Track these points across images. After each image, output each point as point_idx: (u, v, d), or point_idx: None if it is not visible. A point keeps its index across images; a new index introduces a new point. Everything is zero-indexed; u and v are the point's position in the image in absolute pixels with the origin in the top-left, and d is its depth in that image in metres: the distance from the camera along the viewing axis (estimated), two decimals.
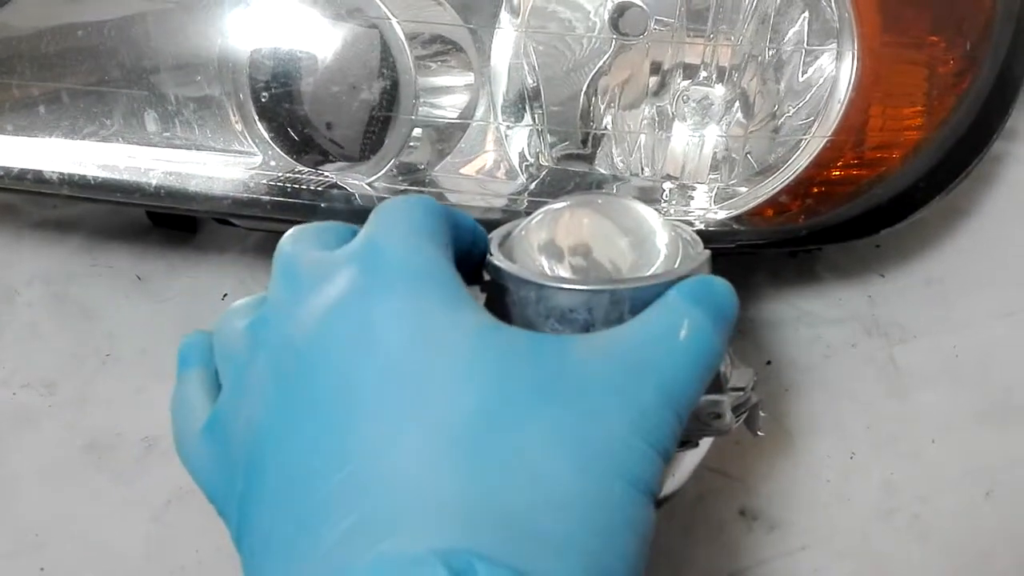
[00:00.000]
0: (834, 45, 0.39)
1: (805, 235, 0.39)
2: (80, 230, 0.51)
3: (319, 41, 0.39)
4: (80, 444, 0.43)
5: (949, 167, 0.41)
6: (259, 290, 0.48)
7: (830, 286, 0.48)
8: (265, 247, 0.50)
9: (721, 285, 0.28)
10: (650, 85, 0.44)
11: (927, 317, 0.47)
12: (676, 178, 0.44)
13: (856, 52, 0.39)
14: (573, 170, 0.44)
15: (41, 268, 0.49)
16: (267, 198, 0.37)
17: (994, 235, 0.50)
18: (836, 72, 0.39)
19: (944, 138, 0.41)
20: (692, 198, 0.44)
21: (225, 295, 0.48)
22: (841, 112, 0.39)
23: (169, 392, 0.44)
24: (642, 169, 0.45)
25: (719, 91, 0.43)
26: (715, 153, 0.44)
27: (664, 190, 0.45)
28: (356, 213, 0.38)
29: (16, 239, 0.50)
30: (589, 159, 0.44)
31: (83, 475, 0.42)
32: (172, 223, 0.50)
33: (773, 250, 0.49)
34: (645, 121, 0.45)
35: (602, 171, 0.45)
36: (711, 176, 0.44)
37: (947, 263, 0.49)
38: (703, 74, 0.43)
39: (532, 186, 0.44)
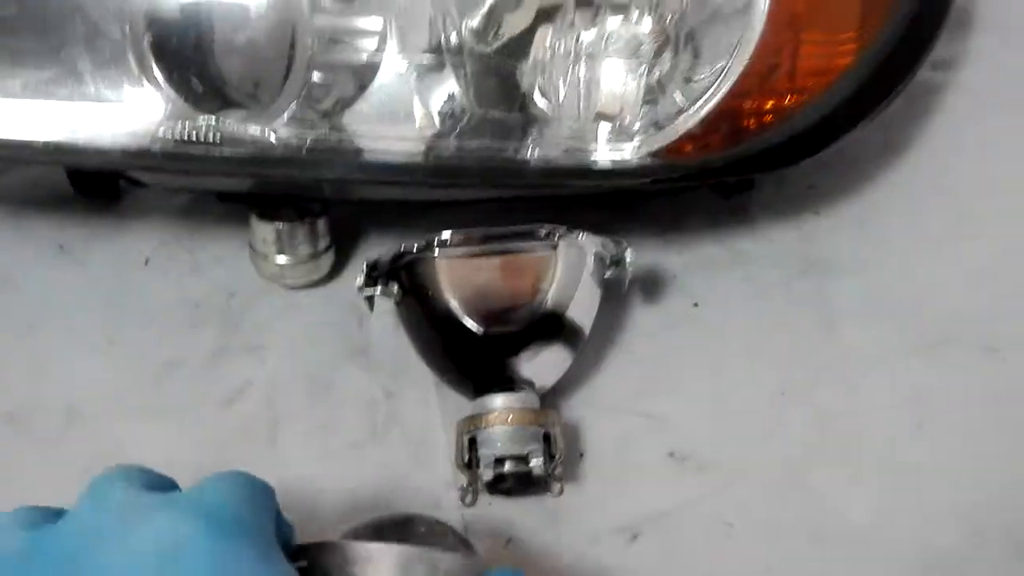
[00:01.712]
0: None
1: (721, 167, 0.38)
2: (2, 201, 0.50)
3: None
4: (2, 412, 0.42)
5: (871, 94, 0.40)
6: (180, 254, 0.48)
7: (764, 226, 0.48)
8: (188, 212, 0.49)
9: None
10: (577, 22, 0.43)
11: (860, 252, 0.46)
12: (610, 116, 0.43)
13: None
14: (496, 113, 0.43)
15: None
16: (160, 149, 0.36)
17: (927, 170, 0.49)
18: (748, 4, 0.38)
19: (865, 65, 0.40)
20: (626, 137, 0.43)
21: (148, 259, 0.47)
22: (757, 41, 0.38)
23: (89, 361, 0.44)
24: (577, 108, 0.44)
25: (647, 27, 0.42)
26: (646, 89, 0.43)
27: (596, 130, 0.43)
28: (254, 162, 0.37)
29: None
30: (514, 102, 0.43)
31: (4, 443, 0.41)
32: (95, 191, 0.49)
33: (707, 191, 0.48)
34: (573, 61, 0.44)
35: (530, 112, 0.44)
36: (644, 110, 0.43)
37: (881, 200, 0.48)
38: (634, 12, 0.42)
39: (458, 129, 0.43)
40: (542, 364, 0.40)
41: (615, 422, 0.42)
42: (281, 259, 0.44)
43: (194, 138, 0.36)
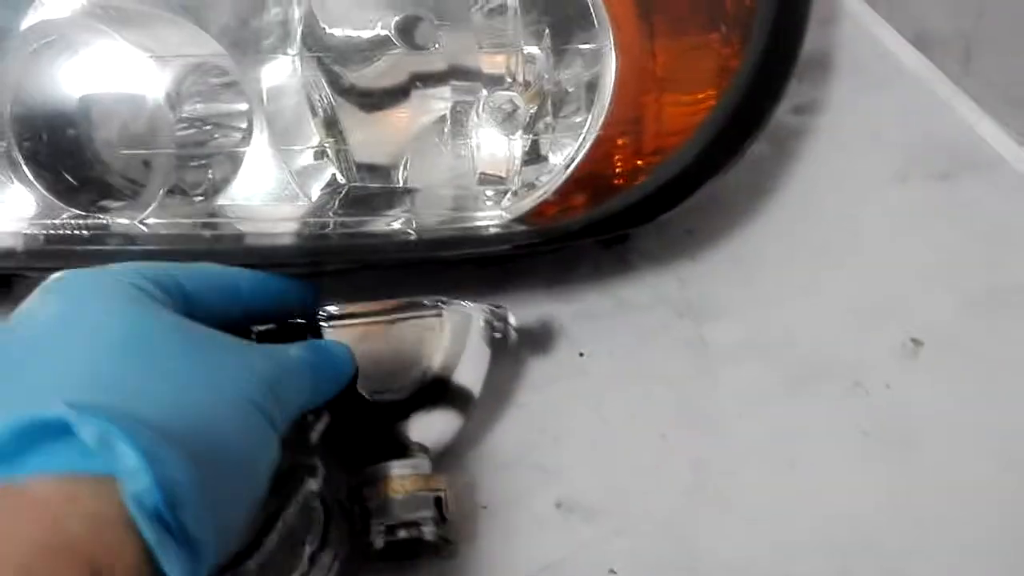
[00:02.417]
0: (594, 43, 0.40)
1: (580, 229, 0.40)
2: None
3: (83, 83, 0.39)
4: None
5: (723, 149, 0.42)
6: None
7: (643, 273, 0.50)
8: None
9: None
10: (449, 94, 0.45)
11: (735, 295, 0.48)
12: (489, 180, 0.45)
13: (614, 50, 0.40)
14: (373, 186, 0.45)
15: None
16: (25, 247, 0.36)
17: (796, 212, 0.51)
18: (599, 69, 0.40)
19: (717, 120, 0.42)
20: (500, 202, 0.44)
21: None
22: (608, 108, 0.40)
23: None
24: (455, 175, 0.45)
25: (520, 95, 0.44)
26: (523, 154, 0.45)
27: (474, 195, 0.45)
28: (128, 254, 0.37)
29: None
30: (388, 174, 0.45)
31: None
32: None
33: (588, 242, 0.50)
34: (447, 129, 0.45)
35: (402, 184, 0.45)
36: (519, 177, 0.45)
37: (754, 242, 0.50)
38: (505, 81, 0.44)
39: (334, 204, 0.44)
40: (433, 428, 0.41)
41: (508, 476, 0.43)
42: None
43: (62, 234, 0.37)
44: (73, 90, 0.39)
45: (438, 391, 0.41)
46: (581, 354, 0.47)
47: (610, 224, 0.41)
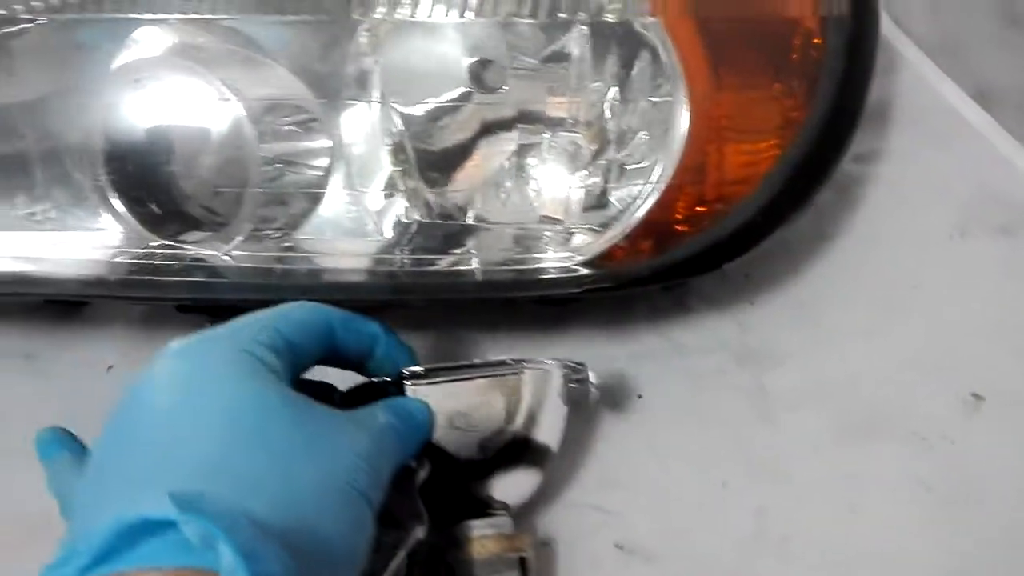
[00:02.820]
0: (667, 93, 0.41)
1: (649, 275, 0.41)
2: None
3: (171, 120, 0.40)
4: None
5: (790, 199, 0.43)
6: (141, 362, 0.49)
7: (702, 316, 0.50)
8: (149, 320, 0.50)
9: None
10: (516, 136, 0.46)
11: (794, 341, 0.49)
12: (552, 221, 0.46)
13: (687, 99, 0.41)
14: (444, 223, 0.46)
15: None
16: (116, 277, 0.38)
17: (857, 257, 0.52)
18: (672, 119, 0.41)
19: (784, 171, 0.43)
20: (566, 244, 0.45)
21: (110, 367, 0.49)
22: (679, 155, 0.41)
23: None
24: (521, 215, 0.46)
25: (583, 138, 0.45)
26: (586, 197, 0.45)
27: (539, 237, 0.46)
28: (211, 285, 0.39)
29: None
30: (459, 212, 0.46)
31: None
32: (60, 300, 0.51)
33: (648, 286, 0.51)
34: (513, 170, 0.46)
35: (472, 222, 0.46)
36: (583, 219, 0.45)
37: (813, 287, 0.51)
38: (569, 124, 0.45)
39: (404, 241, 0.45)
40: (514, 485, 0.41)
41: (567, 515, 0.43)
42: None
43: (150, 264, 0.38)
44: (162, 126, 0.40)
45: (519, 449, 0.41)
46: (639, 396, 0.47)
47: (677, 270, 0.41)
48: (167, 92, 0.40)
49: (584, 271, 0.42)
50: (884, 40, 0.53)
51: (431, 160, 0.44)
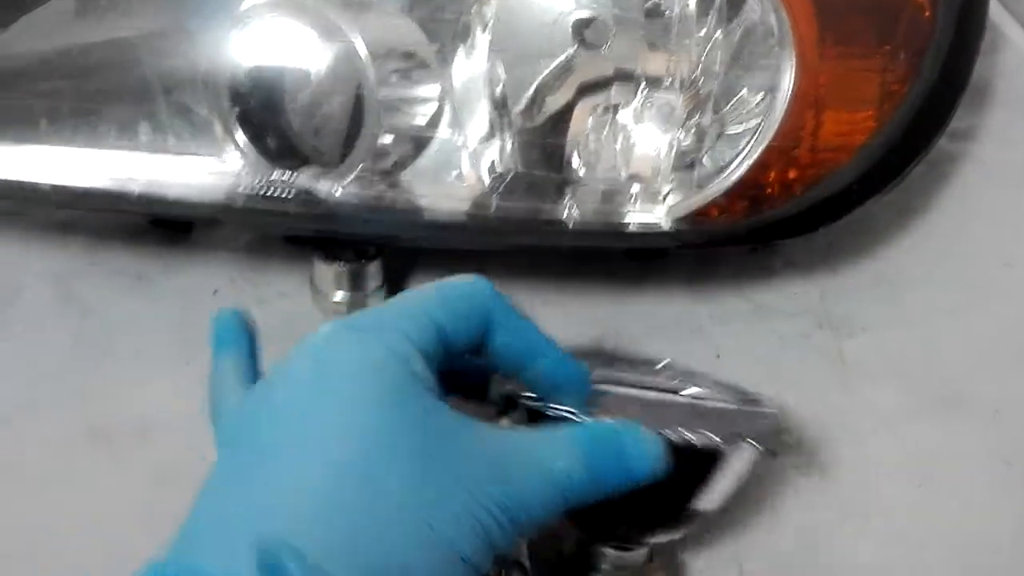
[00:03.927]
0: (774, 57, 0.42)
1: (743, 234, 0.42)
2: (82, 232, 0.54)
3: (294, 59, 0.42)
4: (80, 430, 0.46)
5: (886, 170, 0.43)
6: (247, 288, 0.52)
7: (784, 281, 0.51)
8: (253, 248, 0.53)
9: (634, 449, 0.31)
10: (613, 93, 0.47)
11: (875, 313, 0.49)
12: (644, 179, 0.47)
13: (794, 63, 0.41)
14: (538, 174, 0.47)
15: (46, 268, 0.53)
16: (239, 204, 0.40)
17: (944, 234, 0.52)
18: (777, 81, 0.42)
19: (882, 143, 0.43)
20: (659, 200, 0.46)
21: (216, 291, 0.52)
22: (781, 119, 0.42)
23: (162, 383, 0.48)
24: (612, 171, 0.47)
25: (679, 97, 0.46)
26: (678, 155, 0.46)
27: (631, 192, 0.47)
28: (322, 217, 0.41)
29: (23, 241, 0.54)
30: (554, 164, 0.47)
31: (82, 457, 0.45)
32: (168, 223, 0.53)
33: (735, 246, 0.52)
34: (608, 127, 0.47)
35: (565, 175, 0.47)
36: (674, 175, 0.46)
37: (897, 261, 0.51)
38: (665, 82, 0.46)
39: (499, 189, 0.47)
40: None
41: None
42: (339, 296, 0.48)
43: (269, 193, 0.40)
44: (285, 65, 0.42)
45: (688, 518, 0.36)
46: (718, 356, 0.49)
47: (765, 233, 0.42)
48: (292, 33, 0.42)
49: (674, 228, 0.43)
50: (989, 19, 0.53)
51: (530, 113, 0.46)
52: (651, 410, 0.35)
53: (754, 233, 0.42)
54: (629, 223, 0.45)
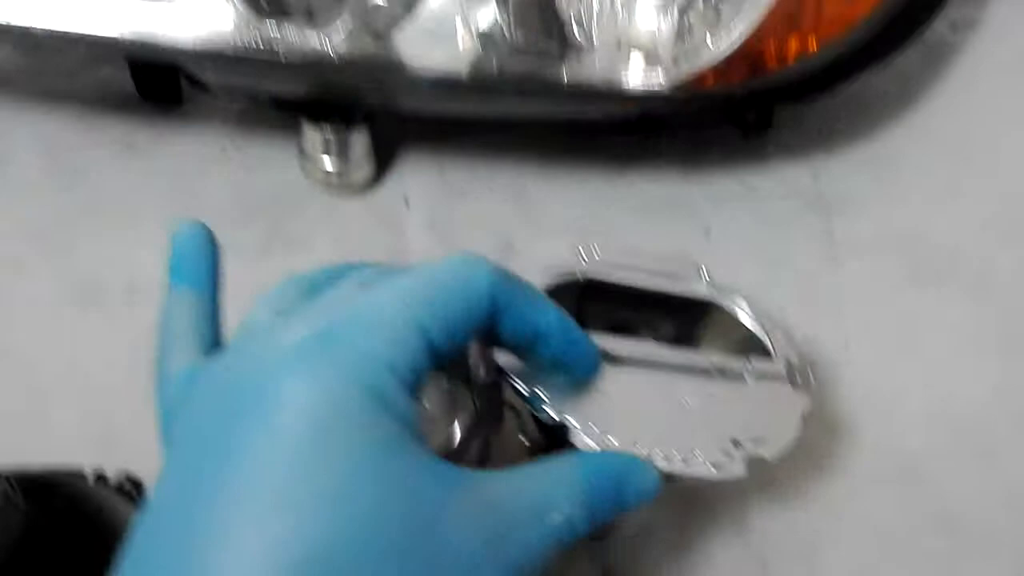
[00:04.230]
0: None
1: (740, 99, 0.41)
2: (73, 101, 0.54)
3: None
4: (69, 287, 0.46)
5: (885, 42, 0.43)
6: (238, 157, 0.52)
7: (778, 164, 0.51)
8: (244, 119, 0.53)
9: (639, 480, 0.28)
10: None
11: (868, 193, 0.49)
12: (642, 43, 0.46)
13: None
14: (534, 37, 0.46)
15: (36, 135, 0.52)
16: (230, 52, 0.40)
17: (940, 121, 0.52)
18: None
19: (881, 15, 0.43)
20: (658, 64, 0.46)
21: (206, 159, 0.51)
22: None
23: (150, 245, 0.48)
24: (610, 39, 0.46)
25: None
26: (678, 19, 0.45)
27: (630, 55, 0.46)
28: (312, 73, 0.40)
29: (12, 110, 0.54)
30: (551, 27, 0.46)
31: (70, 314, 0.46)
32: (159, 95, 0.53)
33: (726, 129, 0.51)
34: None
35: (567, 39, 0.47)
36: (674, 43, 0.46)
37: (893, 145, 0.51)
38: None
39: (498, 50, 0.46)
40: None
41: None
42: (327, 163, 0.48)
43: (259, 44, 0.40)
44: None
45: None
46: (707, 232, 0.49)
47: (766, 97, 0.42)
48: None
49: (672, 92, 0.42)
50: None
51: None
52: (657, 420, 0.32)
53: (751, 98, 0.42)
54: (628, 86, 0.44)
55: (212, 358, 0.26)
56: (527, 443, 0.35)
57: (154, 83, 0.52)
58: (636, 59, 0.44)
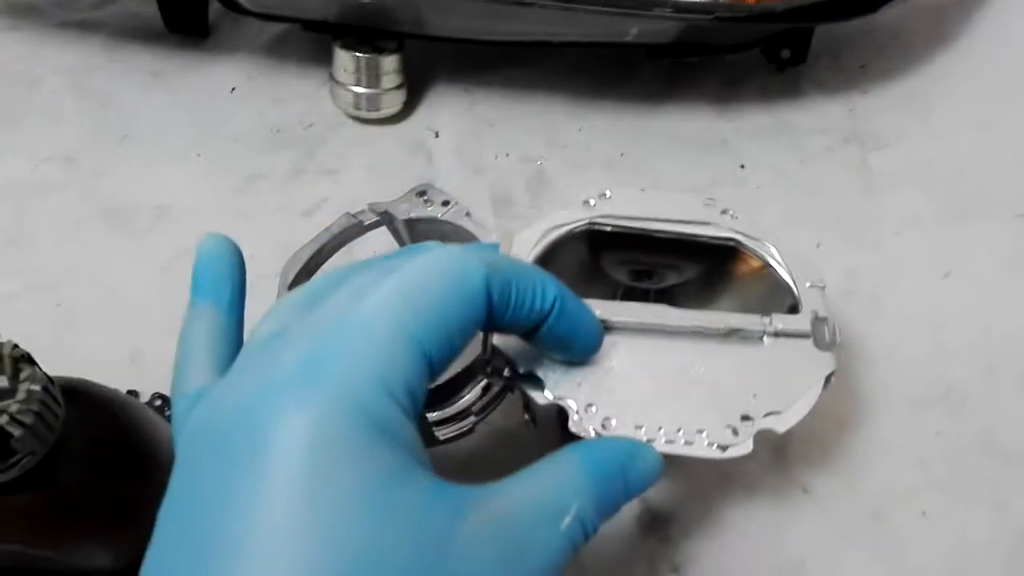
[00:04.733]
0: None
1: (781, 12, 0.41)
2: (100, 31, 0.53)
3: None
4: (97, 209, 0.46)
5: None
6: (265, 87, 0.51)
7: (814, 100, 0.50)
8: (271, 50, 0.52)
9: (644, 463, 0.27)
10: None
11: (904, 128, 0.49)
12: None
13: None
14: None
15: (64, 62, 0.52)
16: None
17: (974, 57, 0.51)
18: None
19: None
20: None
21: (233, 89, 0.51)
22: None
23: (179, 170, 0.48)
24: None
25: None
26: None
27: None
28: None
29: (41, 36, 0.53)
30: None
31: (98, 234, 0.45)
32: (185, 27, 0.52)
33: (760, 65, 0.51)
34: None
35: None
36: None
37: (928, 81, 0.50)
38: None
39: None
40: None
41: None
42: (358, 89, 0.47)
43: None
44: None
45: None
46: (742, 166, 0.48)
47: (808, 13, 0.41)
48: None
49: (714, 8, 0.42)
50: None
51: None
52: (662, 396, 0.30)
53: (792, 15, 0.41)
54: None
55: (216, 384, 0.25)
56: (530, 419, 0.35)
57: (181, 13, 0.52)
58: None
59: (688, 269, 0.37)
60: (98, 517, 0.30)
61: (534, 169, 0.48)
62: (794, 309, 0.33)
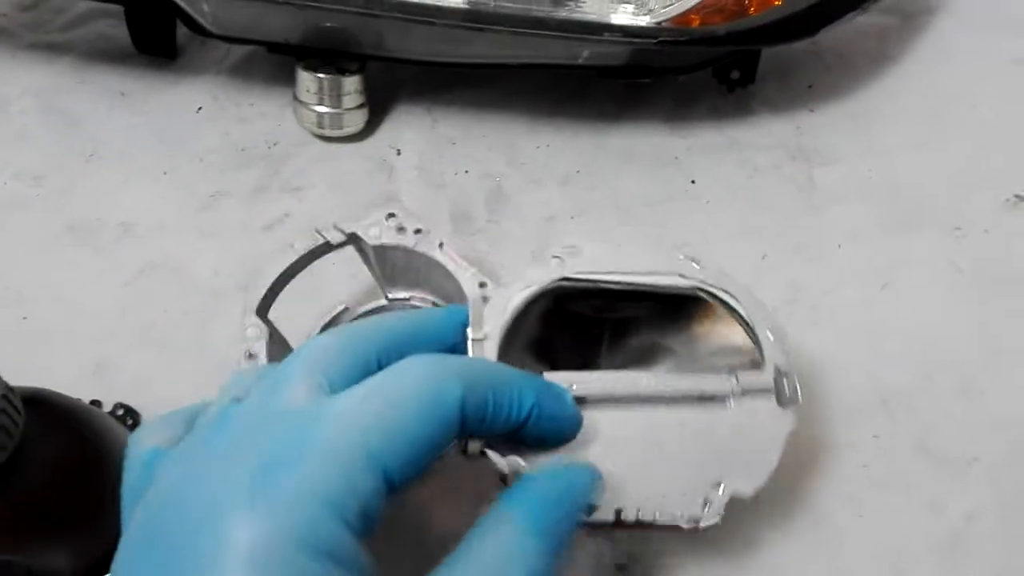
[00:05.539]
0: None
1: (723, 36, 0.43)
2: (69, 53, 0.55)
3: None
4: (63, 225, 0.47)
5: None
6: (231, 107, 0.53)
7: (763, 119, 0.52)
8: (237, 69, 0.54)
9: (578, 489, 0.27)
10: None
11: (848, 145, 0.51)
12: None
13: None
14: None
15: (32, 82, 0.53)
16: None
17: (916, 78, 0.53)
18: None
19: None
20: (644, 10, 0.46)
21: (200, 108, 0.52)
22: None
23: (145, 188, 0.49)
24: None
25: None
26: None
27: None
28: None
29: (10, 57, 0.54)
30: None
31: (64, 250, 0.46)
32: (154, 48, 0.54)
33: (710, 84, 0.53)
34: None
35: None
36: None
37: (872, 102, 0.53)
38: None
39: None
40: None
41: None
42: (321, 108, 0.49)
43: None
44: None
45: None
46: (693, 181, 0.50)
47: (748, 37, 0.43)
48: None
49: (657, 28, 0.43)
50: None
51: None
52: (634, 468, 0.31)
53: (730, 37, 0.43)
54: (614, 23, 0.45)
55: (170, 454, 0.24)
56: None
57: (151, 35, 0.53)
58: (625, 6, 0.45)
59: (649, 306, 0.38)
60: (59, 521, 0.31)
61: (493, 185, 0.50)
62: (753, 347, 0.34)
